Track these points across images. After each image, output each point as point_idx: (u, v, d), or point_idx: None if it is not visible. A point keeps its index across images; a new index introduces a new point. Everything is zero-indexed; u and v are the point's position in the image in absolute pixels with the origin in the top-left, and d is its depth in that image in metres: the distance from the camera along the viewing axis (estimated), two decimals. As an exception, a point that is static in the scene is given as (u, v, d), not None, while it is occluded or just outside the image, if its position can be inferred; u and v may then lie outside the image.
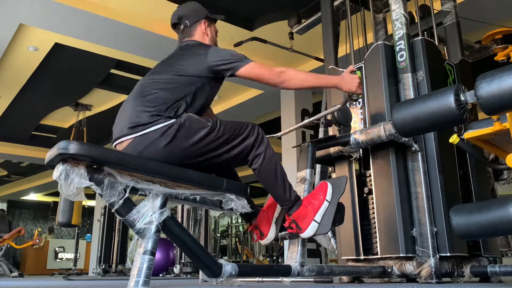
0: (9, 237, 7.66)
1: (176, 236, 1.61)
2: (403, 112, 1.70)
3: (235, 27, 4.85)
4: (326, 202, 1.95)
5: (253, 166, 1.86)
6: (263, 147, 1.86)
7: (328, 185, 2.00)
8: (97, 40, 4.92)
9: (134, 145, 1.71)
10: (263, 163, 1.84)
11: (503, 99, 1.37)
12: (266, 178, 1.87)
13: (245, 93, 6.58)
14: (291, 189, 1.91)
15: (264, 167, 1.85)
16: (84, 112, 7.36)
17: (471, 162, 2.75)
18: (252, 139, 1.84)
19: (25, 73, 5.92)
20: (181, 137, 1.72)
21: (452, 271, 2.41)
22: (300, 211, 1.90)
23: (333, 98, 3.02)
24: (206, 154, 1.78)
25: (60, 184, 1.40)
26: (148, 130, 1.71)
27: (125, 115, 1.81)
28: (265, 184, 1.89)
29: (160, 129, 1.71)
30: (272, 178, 1.87)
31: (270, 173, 1.87)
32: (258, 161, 1.85)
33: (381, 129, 2.44)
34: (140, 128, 1.72)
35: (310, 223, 1.89)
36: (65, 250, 12.63)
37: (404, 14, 2.74)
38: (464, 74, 2.94)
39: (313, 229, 1.90)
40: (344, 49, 3.39)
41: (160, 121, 1.72)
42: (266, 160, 1.85)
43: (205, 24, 2.11)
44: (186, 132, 1.73)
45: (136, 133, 1.72)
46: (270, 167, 1.86)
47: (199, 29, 2.10)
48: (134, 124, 1.74)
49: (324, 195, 1.97)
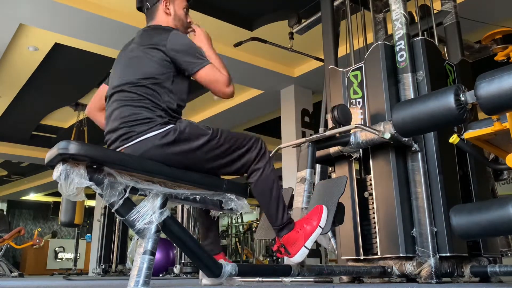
0: (9, 237, 7.66)
1: (176, 236, 1.61)
2: (403, 112, 1.70)
3: (235, 27, 4.85)
4: (319, 228, 1.87)
5: (250, 180, 1.82)
6: (263, 162, 1.81)
7: (324, 210, 1.92)
8: (97, 40, 4.92)
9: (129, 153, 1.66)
10: (260, 178, 1.80)
11: (503, 99, 1.37)
12: (261, 194, 1.82)
13: (245, 93, 6.58)
14: (284, 210, 1.84)
15: (260, 183, 1.80)
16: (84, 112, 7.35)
17: (471, 162, 2.75)
18: (254, 153, 1.80)
19: (25, 73, 5.92)
20: (179, 144, 1.66)
21: (452, 271, 2.41)
22: (291, 235, 1.82)
23: (333, 98, 3.02)
24: (203, 164, 1.72)
25: (60, 184, 1.40)
26: (144, 137, 1.64)
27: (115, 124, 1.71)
28: (259, 200, 1.84)
29: (157, 135, 1.64)
30: (267, 196, 1.81)
31: (266, 190, 1.81)
32: (255, 176, 1.80)
33: (381, 129, 2.44)
34: (134, 137, 1.65)
35: (300, 249, 1.81)
36: (65, 250, 12.63)
37: (404, 14, 2.74)
38: (464, 74, 2.94)
39: (303, 256, 1.81)
40: (344, 49, 3.38)
41: (156, 128, 1.65)
42: (264, 175, 1.80)
43: (165, 2, 1.93)
44: (184, 139, 1.67)
45: (131, 141, 1.65)
46: (266, 184, 1.80)
47: (161, 9, 1.93)
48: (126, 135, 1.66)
49: (318, 221, 1.88)
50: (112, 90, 1.79)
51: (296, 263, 1.95)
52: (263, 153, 1.82)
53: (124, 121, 1.68)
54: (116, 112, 1.72)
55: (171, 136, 1.65)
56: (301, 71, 5.86)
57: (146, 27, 1.93)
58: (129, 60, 1.81)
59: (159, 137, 1.64)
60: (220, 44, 5.14)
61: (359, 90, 2.87)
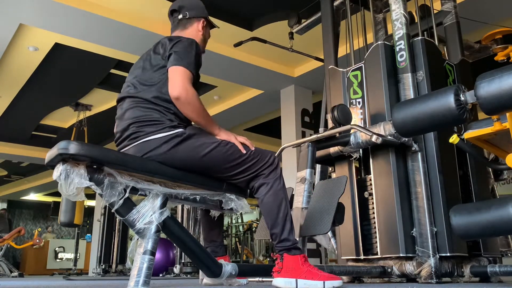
0: (9, 237, 7.66)
1: (176, 236, 1.61)
2: (403, 112, 1.70)
3: (235, 27, 4.85)
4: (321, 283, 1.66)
5: (257, 195, 1.74)
6: (273, 177, 1.74)
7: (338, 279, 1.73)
8: (97, 40, 4.92)
9: (134, 152, 1.68)
10: (268, 193, 1.72)
11: (503, 99, 1.37)
12: (268, 210, 1.71)
13: (245, 93, 6.58)
14: (292, 231, 1.72)
15: (268, 198, 1.71)
16: (84, 112, 7.36)
17: (471, 162, 2.75)
18: (264, 166, 1.74)
19: (25, 73, 5.92)
20: (186, 148, 1.67)
21: (452, 271, 2.41)
22: (295, 262, 1.67)
23: (333, 98, 3.02)
24: (208, 171, 1.72)
25: (60, 184, 1.40)
26: (151, 137, 1.66)
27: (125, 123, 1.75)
28: (266, 217, 1.73)
29: (165, 137, 1.66)
30: (274, 212, 1.71)
31: (274, 207, 1.71)
32: (264, 190, 1.72)
33: (381, 129, 2.44)
34: (141, 136, 1.68)
35: (291, 278, 1.65)
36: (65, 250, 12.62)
37: (404, 14, 2.74)
38: (464, 74, 2.94)
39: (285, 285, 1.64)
40: (344, 49, 3.39)
41: (165, 130, 1.68)
42: (273, 191, 1.72)
43: (203, 24, 2.05)
44: (192, 144, 1.68)
45: (139, 140, 1.68)
46: (275, 200, 1.71)
47: (195, 25, 2.03)
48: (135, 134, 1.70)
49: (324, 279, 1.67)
50: (125, 94, 1.83)
51: None
52: (274, 168, 1.77)
53: (135, 121, 1.71)
54: (128, 112, 1.76)
55: (178, 139, 1.66)
56: (301, 71, 5.86)
57: (177, 35, 1.96)
58: (143, 65, 1.87)
59: (166, 139, 1.66)
60: (220, 44, 5.14)
61: (359, 90, 2.87)
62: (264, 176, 1.74)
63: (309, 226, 2.03)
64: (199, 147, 1.68)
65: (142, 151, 1.66)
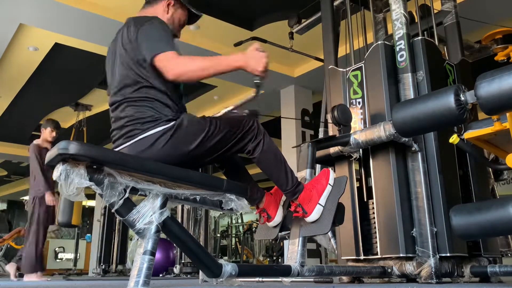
0: (9, 237, 7.67)
1: (176, 236, 1.61)
2: (403, 112, 1.70)
3: (235, 27, 4.86)
4: (329, 186, 1.96)
5: (253, 155, 1.86)
6: (260, 136, 1.86)
7: (330, 170, 2.02)
8: (97, 40, 4.92)
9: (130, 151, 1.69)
10: (262, 150, 1.84)
11: (503, 99, 1.37)
12: (266, 165, 1.87)
13: (245, 93, 6.58)
14: (292, 174, 1.91)
15: (263, 155, 1.85)
16: (84, 112, 7.36)
17: (471, 162, 2.75)
18: (250, 132, 1.84)
19: (25, 73, 5.93)
20: (180, 138, 1.70)
21: (452, 271, 2.41)
22: (305, 194, 1.91)
23: (333, 98, 3.02)
24: (205, 154, 1.77)
25: (60, 184, 1.40)
26: (147, 133, 1.68)
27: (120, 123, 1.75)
28: (267, 171, 1.89)
29: (159, 131, 1.68)
30: (273, 162, 1.88)
31: (270, 160, 1.87)
32: (258, 150, 1.84)
33: (381, 129, 2.44)
34: (137, 134, 1.69)
35: (315, 206, 1.91)
36: (65, 250, 12.63)
37: (404, 14, 2.74)
38: (464, 74, 2.94)
39: (319, 213, 1.91)
40: (344, 49, 3.38)
41: (160, 125, 1.69)
42: (265, 146, 1.85)
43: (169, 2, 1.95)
44: (185, 133, 1.70)
45: (134, 138, 1.69)
46: (269, 154, 1.86)
47: (161, 5, 1.95)
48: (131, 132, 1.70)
49: (327, 180, 1.97)
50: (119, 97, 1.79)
51: (296, 264, 1.94)
52: (257, 127, 1.87)
53: (130, 119, 1.72)
54: (122, 110, 1.75)
55: (171, 131, 1.69)
56: (301, 71, 5.87)
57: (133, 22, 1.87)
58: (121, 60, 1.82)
59: (161, 133, 1.68)
60: (220, 44, 5.14)
61: (359, 90, 2.87)
62: (253, 140, 1.84)
63: (309, 226, 2.03)
64: (192, 135, 1.71)
65: (139, 148, 1.67)
